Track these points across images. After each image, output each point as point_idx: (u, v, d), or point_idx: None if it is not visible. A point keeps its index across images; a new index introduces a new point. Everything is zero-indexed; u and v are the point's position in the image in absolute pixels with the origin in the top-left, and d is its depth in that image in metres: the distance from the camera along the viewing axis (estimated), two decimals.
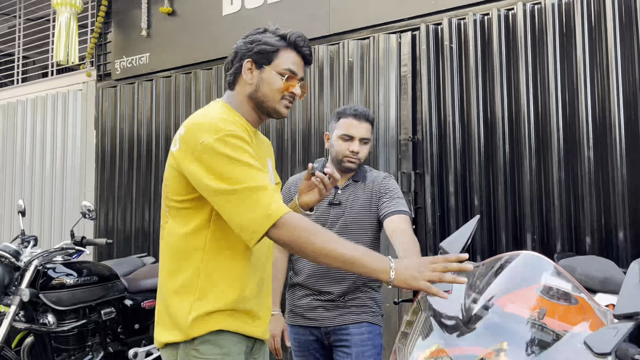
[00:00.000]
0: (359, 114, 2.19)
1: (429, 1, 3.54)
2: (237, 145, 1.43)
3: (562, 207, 3.02)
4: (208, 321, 1.47)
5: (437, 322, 1.24)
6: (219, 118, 1.48)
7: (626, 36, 2.91)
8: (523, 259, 1.32)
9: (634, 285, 1.18)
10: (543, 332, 1.21)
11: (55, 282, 2.95)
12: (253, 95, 1.57)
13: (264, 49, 1.55)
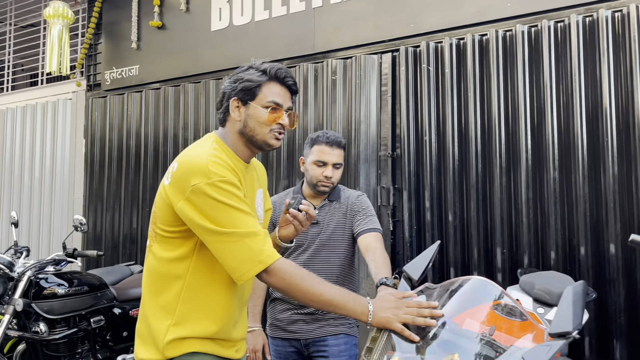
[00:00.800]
0: (332, 141, 2.34)
1: (409, 25, 3.72)
2: (228, 191, 1.51)
3: (529, 224, 3.21)
4: (183, 344, 1.57)
5: (398, 339, 1.40)
6: (210, 160, 1.54)
7: (589, 61, 3.11)
8: (472, 284, 1.49)
9: (567, 307, 1.35)
10: (491, 346, 1.38)
11: (47, 292, 3.07)
12: (242, 131, 1.64)
13: (247, 86, 1.63)
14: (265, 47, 4.32)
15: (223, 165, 1.55)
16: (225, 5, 4.56)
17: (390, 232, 3.68)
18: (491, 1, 3.43)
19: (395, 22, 3.77)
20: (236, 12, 4.49)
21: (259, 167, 1.87)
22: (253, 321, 2.32)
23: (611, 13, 3.08)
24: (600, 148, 3.04)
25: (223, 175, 1.52)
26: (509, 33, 3.37)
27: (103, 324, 3.36)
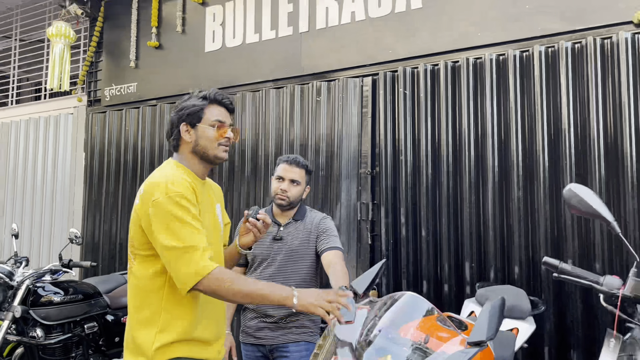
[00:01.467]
0: (291, 160, 2.64)
1: (387, 51, 3.96)
2: (183, 205, 1.75)
3: (495, 239, 3.43)
4: (169, 349, 1.79)
5: (340, 346, 1.61)
6: (170, 179, 1.80)
7: (550, 87, 3.34)
8: (405, 299, 1.71)
9: (483, 319, 1.56)
10: (421, 351, 1.60)
11: (44, 300, 3.30)
12: (195, 149, 1.91)
13: (193, 111, 1.90)
14: (255, 68, 4.57)
15: (181, 183, 1.81)
16: (218, 28, 4.81)
17: (369, 246, 3.90)
18: (463, 31, 3.67)
19: (376, 48, 4.00)
20: (229, 35, 4.74)
21: (214, 185, 2.14)
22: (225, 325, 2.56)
23: (571, 44, 3.31)
24: (560, 169, 3.26)
25: (179, 191, 1.78)
26: (479, 60, 3.61)
27: (96, 330, 3.58)
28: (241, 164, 4.50)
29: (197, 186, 1.89)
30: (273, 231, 2.61)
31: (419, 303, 1.70)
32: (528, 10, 3.46)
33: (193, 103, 1.92)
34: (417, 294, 1.74)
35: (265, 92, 4.48)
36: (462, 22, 3.68)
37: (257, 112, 4.50)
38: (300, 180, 2.64)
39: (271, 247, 2.60)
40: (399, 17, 3.92)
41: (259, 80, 4.55)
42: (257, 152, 4.45)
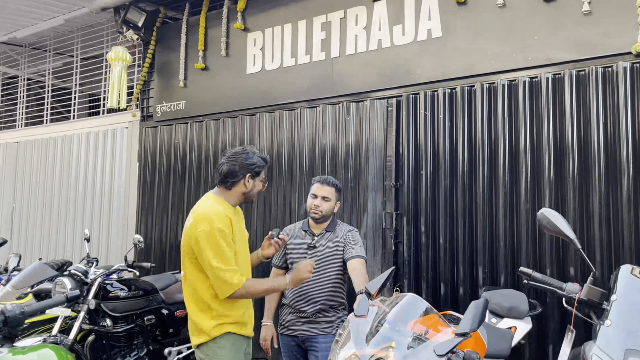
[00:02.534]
0: (322, 180, 3.15)
1: (410, 75, 4.38)
2: (222, 237, 2.49)
3: (506, 248, 3.81)
4: (222, 327, 2.55)
5: (354, 335, 2.05)
6: (215, 214, 2.53)
7: (557, 112, 3.70)
8: (407, 299, 2.14)
9: (468, 315, 1.97)
10: (419, 339, 2.03)
11: (112, 295, 3.87)
12: (247, 193, 2.72)
13: (258, 169, 2.72)
14: (291, 89, 5.05)
15: (224, 219, 2.53)
16: (259, 53, 5.33)
17: (393, 252, 4.33)
18: (477, 59, 4.06)
19: (399, 73, 4.43)
20: (268, 59, 5.25)
21: (238, 209, 2.85)
22: (267, 318, 3.08)
23: (575, 72, 3.67)
24: (565, 185, 3.62)
25: (221, 226, 2.51)
26: (493, 85, 3.99)
27: (154, 322, 4.13)
28: (278, 176, 5.00)
29: (232, 215, 2.62)
30: (308, 240, 3.09)
31: (418, 302, 2.13)
32: (536, 40, 3.82)
33: (257, 162, 2.71)
34: (417, 296, 2.17)
35: (300, 110, 4.96)
36: (477, 51, 4.07)
37: (292, 129, 4.99)
38: (331, 197, 3.10)
39: (306, 253, 3.07)
40: (420, 45, 4.34)
41: (294, 100, 5.04)
42: (293, 165, 4.94)
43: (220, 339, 2.55)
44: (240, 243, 2.68)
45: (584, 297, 2.03)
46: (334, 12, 4.83)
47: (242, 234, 2.73)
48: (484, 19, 4.06)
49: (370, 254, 4.40)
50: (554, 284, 2.19)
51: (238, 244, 2.62)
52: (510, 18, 3.95)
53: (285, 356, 3.11)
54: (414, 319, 2.09)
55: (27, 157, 7.60)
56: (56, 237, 6.99)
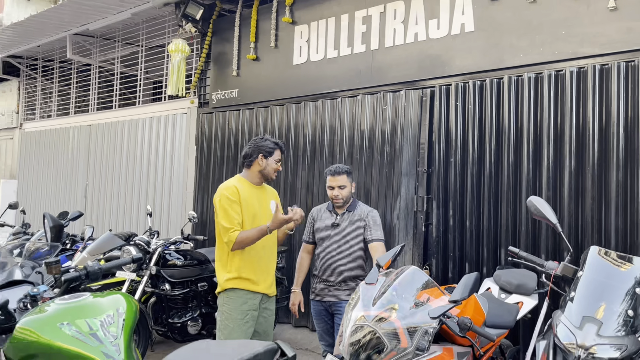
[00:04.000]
0: (334, 171, 3.52)
1: (443, 67, 4.63)
2: (227, 204, 3.07)
3: (527, 232, 4.05)
4: (229, 282, 3.11)
5: (363, 299, 2.44)
6: (224, 187, 3.14)
7: (580, 100, 3.88)
8: (410, 271, 2.49)
9: (460, 285, 2.31)
10: (419, 305, 2.39)
11: (170, 263, 4.43)
12: (262, 171, 3.23)
13: (269, 150, 3.24)
14: (333, 79, 5.42)
15: (229, 188, 3.13)
16: (304, 45, 5.71)
17: (423, 233, 4.66)
18: (507, 52, 4.26)
19: (433, 65, 4.69)
20: (313, 51, 5.62)
21: (269, 188, 3.42)
22: (296, 286, 3.52)
23: (599, 66, 3.83)
24: (583, 174, 3.82)
25: (227, 194, 3.10)
26: (520, 78, 4.20)
27: (206, 288, 4.67)
28: (320, 160, 5.40)
29: (245, 189, 3.17)
30: (332, 219, 3.49)
31: (419, 274, 2.49)
32: (563, 35, 4.00)
33: (268, 144, 3.25)
34: (418, 268, 2.52)
35: (341, 99, 5.32)
36: (506, 45, 4.27)
37: (333, 117, 5.36)
38: (345, 183, 3.49)
39: (330, 231, 3.48)
40: (453, 39, 4.58)
41: (336, 89, 5.40)
42: (334, 150, 5.32)
43: (229, 292, 3.11)
44: (257, 211, 3.19)
45: (560, 273, 2.32)
46: (374, 6, 5.13)
47: (261, 205, 3.23)
48: (514, 14, 4.25)
49: (402, 235, 4.75)
50: (536, 261, 2.48)
51: (251, 211, 3.14)
52: (539, 13, 4.12)
53: (315, 318, 3.55)
54: (417, 288, 2.45)
55: (98, 139, 8.38)
56: (123, 211, 7.74)
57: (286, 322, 5.56)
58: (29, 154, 9.84)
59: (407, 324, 2.29)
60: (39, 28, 8.32)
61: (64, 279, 2.17)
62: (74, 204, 8.53)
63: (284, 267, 5.25)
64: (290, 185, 5.66)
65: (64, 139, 9.10)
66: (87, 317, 1.78)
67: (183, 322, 4.44)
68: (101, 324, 1.78)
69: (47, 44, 9.04)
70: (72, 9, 7.36)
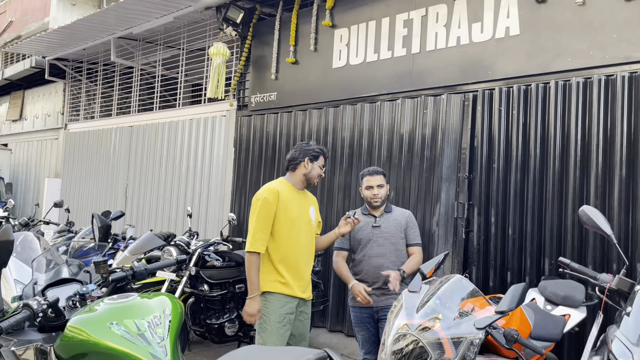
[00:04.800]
0: (372, 171, 3.54)
1: (487, 72, 4.54)
2: (262, 206, 3.09)
3: (573, 241, 3.93)
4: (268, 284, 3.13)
5: (406, 307, 2.39)
6: (265, 188, 3.17)
7: (634, 109, 3.74)
8: (455, 279, 2.43)
9: (507, 297, 2.24)
10: (463, 315, 2.34)
11: (209, 264, 4.47)
12: (307, 175, 3.24)
13: (314, 154, 3.26)
14: (373, 83, 5.38)
15: (270, 191, 3.14)
16: (344, 48, 5.69)
17: (463, 240, 4.57)
18: (554, 56, 4.14)
19: (476, 69, 4.61)
20: (352, 54, 5.60)
21: (310, 195, 3.43)
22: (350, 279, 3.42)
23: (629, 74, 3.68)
24: (637, 183, 3.67)
25: (266, 196, 3.11)
26: (568, 82, 4.07)
27: (243, 290, 4.68)
28: (357, 164, 5.37)
29: (286, 192, 3.17)
30: (371, 221, 3.46)
31: (465, 283, 2.43)
32: (615, 38, 3.86)
33: (314, 149, 3.28)
34: (464, 277, 2.46)
35: (380, 103, 5.28)
36: (553, 49, 4.16)
37: (372, 120, 5.33)
38: (383, 183, 3.50)
39: (372, 232, 3.45)
40: (497, 42, 4.48)
41: (375, 93, 5.36)
42: (372, 154, 5.29)
43: (267, 295, 3.13)
44: (296, 217, 3.19)
45: (615, 287, 2.22)
46: (416, 10, 5.08)
47: (301, 211, 3.23)
48: (562, 17, 4.13)
49: (442, 242, 4.67)
50: (589, 273, 2.39)
51: (289, 215, 3.15)
52: (589, 16, 4.00)
53: (357, 326, 3.50)
54: (462, 297, 2.40)
55: (139, 140, 8.56)
56: (162, 211, 7.88)
57: (321, 326, 5.54)
58: (72, 154, 10.14)
59: (451, 334, 2.23)
60: (84, 31, 8.57)
61: (111, 279, 2.20)
62: (114, 203, 8.73)
63: (320, 271, 5.23)
64: (327, 189, 5.64)
65: (106, 139, 9.33)
66: (135, 317, 1.80)
67: (220, 324, 4.47)
68: (149, 325, 1.79)
69: (91, 47, 9.30)
70: (117, 13, 7.55)
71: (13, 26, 15.64)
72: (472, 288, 2.45)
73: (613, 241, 2.33)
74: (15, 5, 15.70)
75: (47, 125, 11.21)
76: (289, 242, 3.17)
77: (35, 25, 14.39)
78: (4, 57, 16.02)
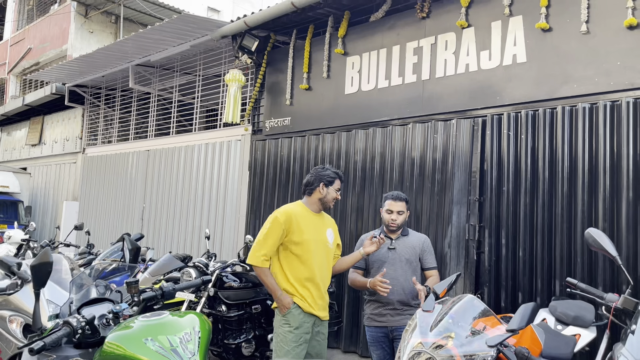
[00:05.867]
0: (395, 196, 3.63)
1: (495, 97, 4.69)
2: (272, 225, 3.24)
3: (583, 263, 4.01)
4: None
5: (420, 326, 2.50)
6: (282, 209, 3.33)
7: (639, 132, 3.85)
8: (467, 299, 2.54)
9: (517, 316, 2.34)
10: (475, 333, 2.44)
11: (227, 285, 4.60)
12: (322, 199, 3.39)
13: (330, 179, 3.40)
14: (384, 108, 5.55)
15: (285, 212, 3.30)
16: (356, 75, 5.88)
17: (475, 261, 4.66)
18: (560, 82, 4.29)
19: (485, 95, 4.76)
20: (364, 81, 5.79)
21: (327, 217, 3.57)
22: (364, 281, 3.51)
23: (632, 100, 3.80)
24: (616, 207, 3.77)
25: (278, 216, 3.27)
26: (574, 108, 4.21)
27: (260, 311, 4.80)
28: (370, 187, 5.51)
29: (301, 214, 3.32)
30: (387, 243, 3.58)
31: (476, 303, 2.54)
32: (619, 66, 4.00)
33: (329, 174, 3.41)
34: (475, 297, 2.57)
35: (392, 128, 5.44)
36: (559, 75, 4.30)
37: (384, 145, 5.48)
38: (404, 210, 3.60)
39: (387, 254, 3.56)
40: (505, 69, 4.64)
41: (387, 118, 5.53)
42: (384, 178, 5.43)
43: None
44: (312, 238, 3.31)
45: (620, 306, 2.32)
46: (425, 38, 5.26)
47: (320, 234, 3.38)
48: (567, 45, 4.29)
49: (454, 263, 4.77)
50: (596, 293, 2.49)
51: (303, 237, 3.27)
52: (594, 44, 4.15)
53: (372, 345, 3.59)
54: (473, 316, 2.51)
55: (155, 164, 8.78)
56: (178, 233, 8.04)
57: (335, 347, 5.61)
58: (90, 177, 10.39)
59: (464, 352, 2.34)
60: (104, 59, 8.87)
61: (142, 298, 2.35)
62: (131, 226, 8.92)
63: (334, 292, 5.34)
64: (340, 211, 5.77)
65: (123, 163, 9.57)
66: (168, 334, 1.94)
67: (237, 344, 4.58)
68: (180, 341, 1.93)
69: (110, 74, 9.61)
70: (135, 42, 7.84)
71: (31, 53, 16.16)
72: (484, 307, 2.57)
73: (618, 262, 2.44)
74: (33, 33, 16.25)
75: (65, 149, 11.50)
76: (304, 262, 3.29)
77: (53, 52, 14.90)
78: (23, 83, 16.50)
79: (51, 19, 15.23)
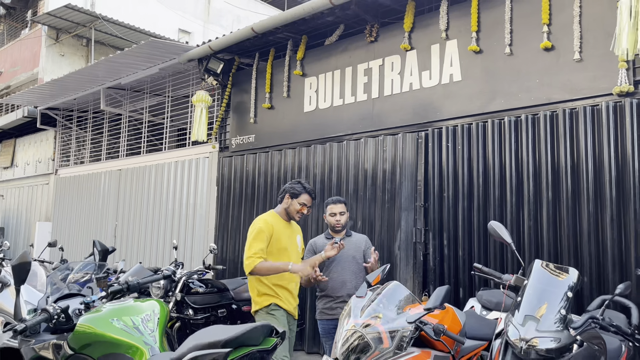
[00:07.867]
0: (335, 200, 4.08)
1: (435, 113, 5.20)
2: (256, 233, 3.58)
3: (513, 259, 4.49)
4: (269, 298, 3.66)
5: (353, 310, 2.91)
6: (259, 218, 3.71)
7: (558, 142, 4.37)
8: (393, 285, 2.97)
9: (435, 295, 2.77)
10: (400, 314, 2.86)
11: (193, 290, 4.95)
12: (287, 209, 3.78)
13: (296, 192, 3.80)
14: (339, 124, 6.01)
15: (263, 221, 3.67)
16: (313, 94, 6.35)
17: (422, 262, 5.11)
18: (489, 98, 4.82)
19: (427, 111, 5.26)
20: (321, 99, 6.26)
21: (295, 225, 3.97)
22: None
23: (569, 110, 4.34)
24: (560, 206, 4.28)
25: (260, 226, 3.62)
26: (502, 121, 4.73)
27: (225, 315, 5.16)
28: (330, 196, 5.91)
29: (276, 224, 3.70)
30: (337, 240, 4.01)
31: (401, 288, 2.98)
32: (537, 83, 4.54)
33: (297, 187, 3.81)
34: (400, 283, 3.01)
35: (346, 142, 5.90)
36: (489, 92, 4.83)
37: (340, 158, 5.93)
38: (344, 211, 4.06)
39: None
40: (443, 87, 5.16)
41: (342, 133, 5.99)
42: (340, 188, 5.87)
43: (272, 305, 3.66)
44: (287, 246, 3.70)
45: (513, 284, 2.78)
46: (374, 60, 5.76)
47: (291, 240, 3.78)
48: (495, 65, 4.83)
49: (403, 264, 5.21)
50: (495, 274, 2.95)
51: (280, 245, 3.65)
52: (516, 64, 4.69)
53: (325, 336, 3.98)
54: (399, 299, 2.93)
55: (127, 182, 9.08)
56: (149, 248, 8.33)
57: (300, 348, 5.97)
58: (63, 198, 10.60)
59: (388, 328, 2.76)
60: (75, 83, 9.18)
61: (110, 291, 2.72)
62: (104, 242, 9.13)
63: None
64: (303, 220, 6.18)
65: (95, 183, 9.83)
66: (131, 315, 2.31)
67: None
68: (142, 320, 2.31)
69: (82, 97, 9.91)
70: (106, 66, 8.20)
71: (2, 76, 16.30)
72: (408, 292, 2.99)
73: (512, 248, 2.90)
74: (4, 57, 16.41)
75: (37, 171, 11.68)
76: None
77: (25, 76, 15.08)
78: None
79: (22, 42, 15.44)
